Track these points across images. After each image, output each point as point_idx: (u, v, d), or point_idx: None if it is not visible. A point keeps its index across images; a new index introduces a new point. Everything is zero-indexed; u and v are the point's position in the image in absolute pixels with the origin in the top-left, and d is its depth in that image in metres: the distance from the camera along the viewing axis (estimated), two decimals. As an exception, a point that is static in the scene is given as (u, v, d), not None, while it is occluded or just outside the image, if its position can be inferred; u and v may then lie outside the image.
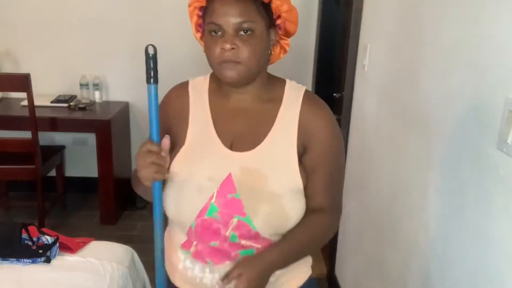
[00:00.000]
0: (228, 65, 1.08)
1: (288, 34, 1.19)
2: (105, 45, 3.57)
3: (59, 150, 3.50)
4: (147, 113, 1.07)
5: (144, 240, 3.19)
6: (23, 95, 3.14)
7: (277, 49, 1.20)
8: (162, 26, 3.51)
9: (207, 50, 1.11)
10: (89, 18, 3.49)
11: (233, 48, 1.07)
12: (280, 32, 1.17)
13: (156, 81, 1.04)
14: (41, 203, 3.12)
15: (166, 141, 1.08)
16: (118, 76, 3.64)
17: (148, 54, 1.02)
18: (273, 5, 1.11)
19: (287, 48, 1.22)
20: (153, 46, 1.02)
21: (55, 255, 1.95)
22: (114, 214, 3.43)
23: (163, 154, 1.07)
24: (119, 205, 3.49)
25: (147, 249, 3.04)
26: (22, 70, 3.52)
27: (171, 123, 1.21)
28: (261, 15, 1.09)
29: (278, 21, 1.14)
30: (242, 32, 1.08)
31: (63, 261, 1.93)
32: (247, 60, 1.08)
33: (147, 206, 3.62)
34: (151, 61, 1.03)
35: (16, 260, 1.88)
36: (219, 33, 1.08)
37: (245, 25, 1.07)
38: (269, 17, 1.12)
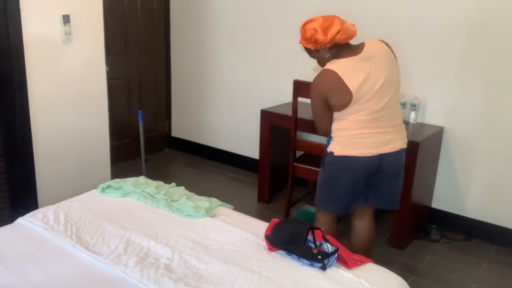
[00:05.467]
0: None
1: None
2: (428, 64, 3.45)
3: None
4: (463, 141, 0.89)
5: (427, 275, 2.95)
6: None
7: None
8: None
9: None
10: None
11: None
12: None
13: None
14: (337, 209, 3.28)
15: None
16: (437, 98, 3.46)
17: None
18: None
19: None
20: None
21: (331, 265, 1.99)
22: (405, 240, 3.31)
23: None
24: (411, 231, 3.33)
25: (425, 286, 2.82)
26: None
27: None
28: None
29: None
30: None
31: (337, 273, 1.94)
32: None
33: (440, 240, 3.33)
34: None
35: (297, 258, 2.01)
36: None
37: None
38: None
